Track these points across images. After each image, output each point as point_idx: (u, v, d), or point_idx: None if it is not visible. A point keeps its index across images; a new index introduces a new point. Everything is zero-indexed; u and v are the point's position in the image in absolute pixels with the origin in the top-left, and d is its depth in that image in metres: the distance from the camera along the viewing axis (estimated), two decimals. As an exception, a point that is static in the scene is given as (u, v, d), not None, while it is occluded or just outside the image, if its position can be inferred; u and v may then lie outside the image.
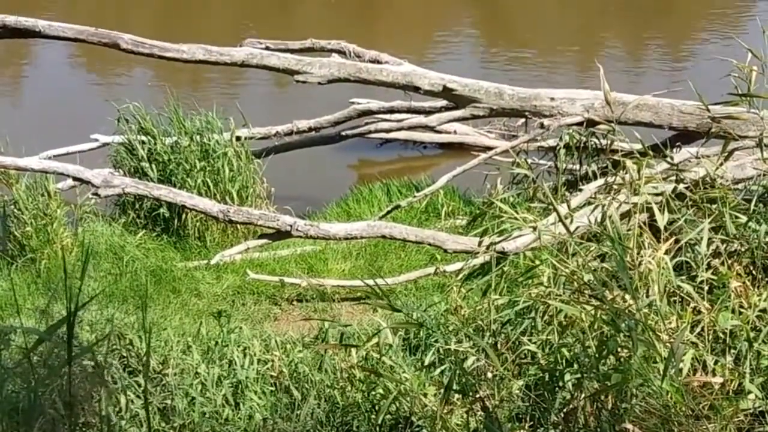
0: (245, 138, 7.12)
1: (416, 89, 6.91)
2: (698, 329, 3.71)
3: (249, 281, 6.01)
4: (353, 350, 4.33)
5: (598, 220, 4.61)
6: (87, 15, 12.54)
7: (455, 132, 8.58)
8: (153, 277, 6.10)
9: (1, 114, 9.62)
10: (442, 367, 4.25)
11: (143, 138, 6.92)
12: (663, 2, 13.39)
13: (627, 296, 3.62)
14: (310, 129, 7.72)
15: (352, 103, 7.93)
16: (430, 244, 6.02)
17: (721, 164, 4.77)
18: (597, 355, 3.41)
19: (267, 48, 7.13)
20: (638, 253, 3.89)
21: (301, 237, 6.05)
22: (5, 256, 6.28)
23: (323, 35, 7.60)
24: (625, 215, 4.80)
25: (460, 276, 5.49)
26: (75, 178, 6.15)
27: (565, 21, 13.05)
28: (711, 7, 13.08)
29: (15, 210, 6.29)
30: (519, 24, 13.13)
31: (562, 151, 6.65)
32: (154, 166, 6.79)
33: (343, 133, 7.86)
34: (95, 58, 10.52)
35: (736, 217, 4.29)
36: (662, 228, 4.02)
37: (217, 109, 7.14)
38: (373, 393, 4.09)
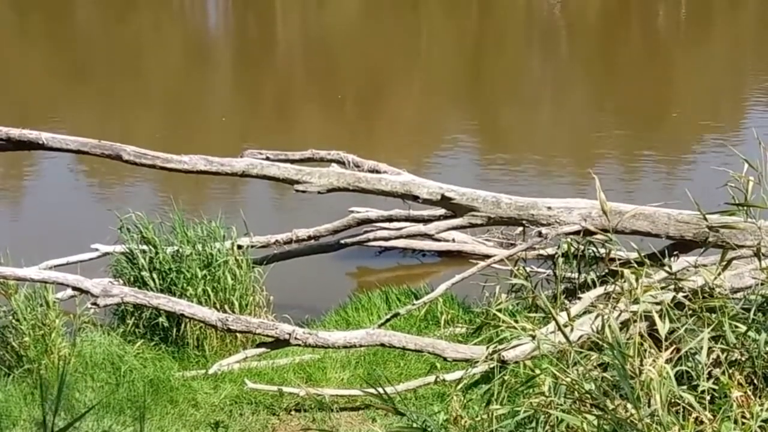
0: (246, 246, 7.16)
1: (415, 198, 6.97)
2: (701, 440, 3.67)
3: (247, 390, 5.96)
4: (353, 462, 4.28)
5: (598, 328, 4.60)
6: (90, 126, 12.71)
7: (454, 240, 8.62)
8: (150, 387, 6.05)
9: (1, 224, 9.68)
10: (443, 480, 4.19)
11: (144, 247, 6.95)
12: (657, 111, 13.60)
13: (629, 406, 3.60)
14: (310, 237, 7.77)
15: (351, 211, 7.99)
16: (429, 353, 5.99)
17: (720, 274, 4.78)
18: (600, 467, 3.38)
19: (267, 158, 7.22)
20: (640, 363, 3.88)
21: (299, 345, 6.03)
22: (2, 367, 6.24)
23: (323, 145, 7.71)
24: (625, 324, 4.80)
25: (461, 385, 5.45)
26: (74, 288, 6.15)
27: (560, 130, 13.23)
28: (705, 116, 13.29)
29: (13, 320, 6.28)
30: (514, 133, 13.31)
31: (560, 259, 6.67)
32: (155, 275, 6.80)
33: (343, 242, 7.90)
34: (97, 167, 10.63)
35: (736, 327, 4.30)
36: (663, 337, 4.02)
37: (218, 216, 7.20)
38: (373, 507, 4.02)
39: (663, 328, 4.06)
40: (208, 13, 22.12)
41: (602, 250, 6.51)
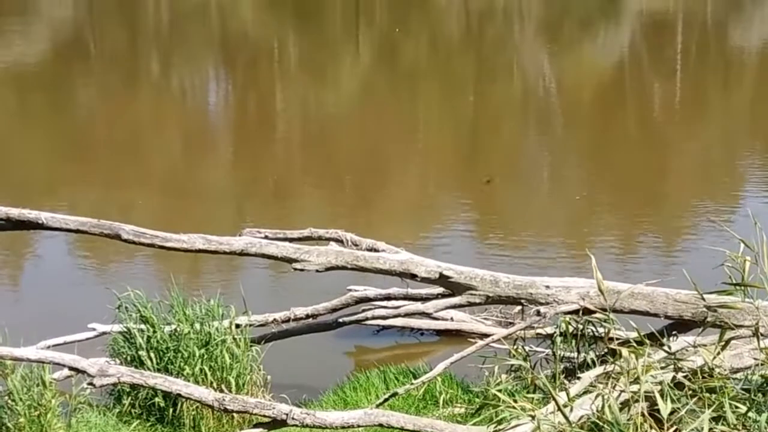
0: (244, 325, 7.15)
1: (413, 276, 6.99)
2: None
3: (244, 473, 5.90)
4: None
5: (599, 408, 4.59)
6: (89, 205, 12.77)
7: (452, 319, 8.60)
8: (145, 469, 6.00)
9: (0, 304, 9.67)
10: None
11: (142, 326, 6.93)
12: (652, 191, 13.68)
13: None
14: (308, 316, 7.75)
15: (350, 290, 7.99)
16: (428, 433, 5.94)
17: (719, 353, 4.79)
18: None
19: (266, 237, 7.24)
20: (640, 444, 3.86)
21: (297, 426, 5.97)
22: (-4, 448, 6.19)
23: (321, 224, 7.75)
24: (625, 404, 4.78)
25: (460, 467, 5.40)
26: (71, 368, 6.12)
27: (557, 208, 13.30)
28: (700, 196, 13.37)
29: (9, 401, 6.24)
30: (512, 212, 13.37)
31: (559, 338, 6.66)
32: (152, 354, 6.78)
33: (341, 320, 7.88)
34: (96, 245, 10.65)
35: (736, 407, 4.28)
36: (665, 418, 4.00)
37: (216, 295, 7.20)
38: None
39: (665, 408, 4.05)
40: (208, 94, 22.35)
41: (601, 330, 6.51)
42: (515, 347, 6.69)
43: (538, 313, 6.64)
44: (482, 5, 31.29)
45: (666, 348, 5.40)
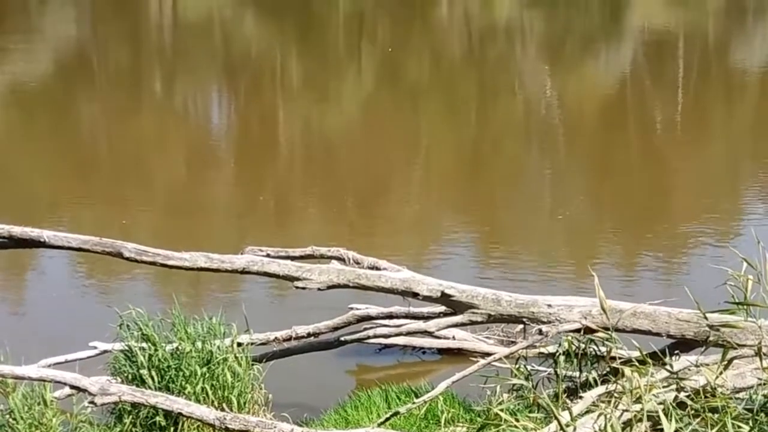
0: (246, 344, 7.14)
1: (415, 295, 6.99)
2: None
3: (245, 493, 5.87)
4: None
5: (601, 428, 4.58)
6: (91, 223, 12.78)
7: (454, 337, 8.59)
8: (145, 490, 5.98)
9: (1, 321, 9.67)
10: None
11: (143, 345, 6.93)
12: (654, 210, 13.68)
13: None
14: (309, 334, 7.75)
15: (351, 308, 7.98)
16: (430, 453, 5.93)
17: (721, 373, 4.78)
18: None
19: (267, 255, 7.25)
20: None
21: (298, 445, 5.96)
22: (-3, 468, 6.17)
23: (323, 242, 7.75)
24: (628, 423, 4.77)
25: (462, 487, 5.38)
26: (72, 386, 6.12)
27: (559, 227, 13.29)
28: (703, 215, 13.36)
29: (10, 419, 6.22)
30: (514, 230, 13.36)
31: (561, 357, 6.64)
32: (153, 372, 6.77)
33: (342, 339, 7.88)
34: (97, 263, 10.65)
35: (739, 427, 4.27)
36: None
37: (218, 313, 7.19)
38: None
39: (668, 428, 4.04)
40: (210, 111, 22.41)
41: (603, 349, 6.50)
42: (517, 366, 6.68)
43: (540, 332, 6.63)
44: (484, 24, 31.38)
45: (668, 367, 5.39)
